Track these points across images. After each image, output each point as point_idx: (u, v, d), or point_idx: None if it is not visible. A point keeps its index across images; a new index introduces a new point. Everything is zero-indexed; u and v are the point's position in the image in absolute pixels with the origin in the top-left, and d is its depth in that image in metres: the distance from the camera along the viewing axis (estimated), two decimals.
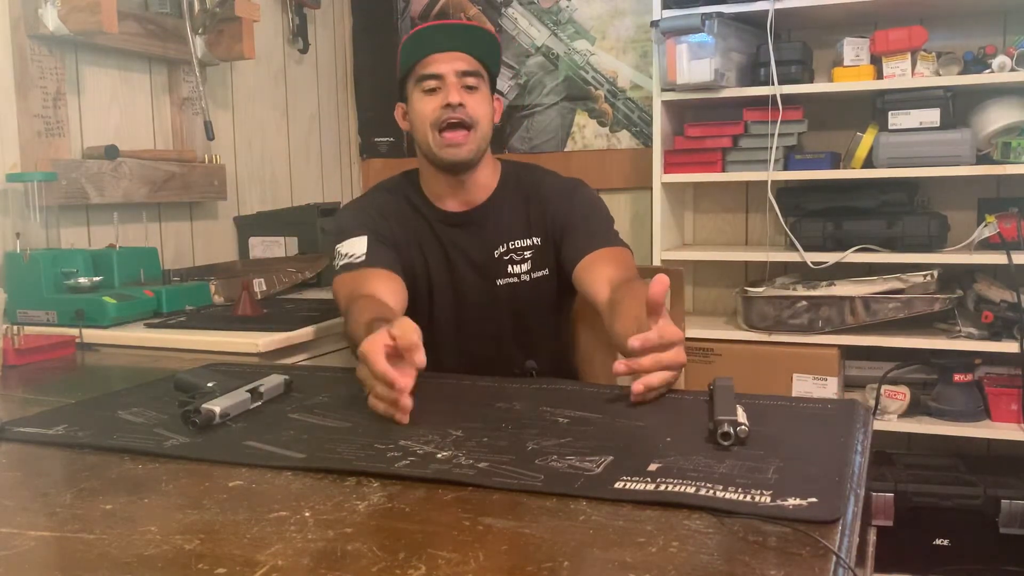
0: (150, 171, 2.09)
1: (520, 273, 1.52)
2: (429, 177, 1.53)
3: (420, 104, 1.45)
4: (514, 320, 1.55)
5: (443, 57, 1.43)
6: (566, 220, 1.52)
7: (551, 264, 1.54)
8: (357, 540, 0.68)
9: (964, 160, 2.11)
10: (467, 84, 1.44)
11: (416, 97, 1.46)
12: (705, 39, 2.18)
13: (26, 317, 1.70)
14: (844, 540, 0.67)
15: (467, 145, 1.44)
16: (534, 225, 1.53)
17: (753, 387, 1.07)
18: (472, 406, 1.08)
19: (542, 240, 1.53)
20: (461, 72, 1.44)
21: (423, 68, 1.44)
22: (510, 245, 1.53)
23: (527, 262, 1.53)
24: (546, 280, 1.54)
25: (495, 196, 1.54)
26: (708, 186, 2.61)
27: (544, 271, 1.53)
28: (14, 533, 0.72)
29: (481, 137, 1.46)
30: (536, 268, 1.53)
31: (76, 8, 1.78)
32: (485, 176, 1.53)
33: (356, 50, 3.01)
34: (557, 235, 1.52)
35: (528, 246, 1.53)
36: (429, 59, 1.44)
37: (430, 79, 1.44)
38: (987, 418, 2.18)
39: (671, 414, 1.02)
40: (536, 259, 1.53)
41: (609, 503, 0.74)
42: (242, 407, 1.05)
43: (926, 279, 2.18)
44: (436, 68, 1.43)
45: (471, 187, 1.52)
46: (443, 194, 1.53)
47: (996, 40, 2.26)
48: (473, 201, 1.53)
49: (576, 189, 1.57)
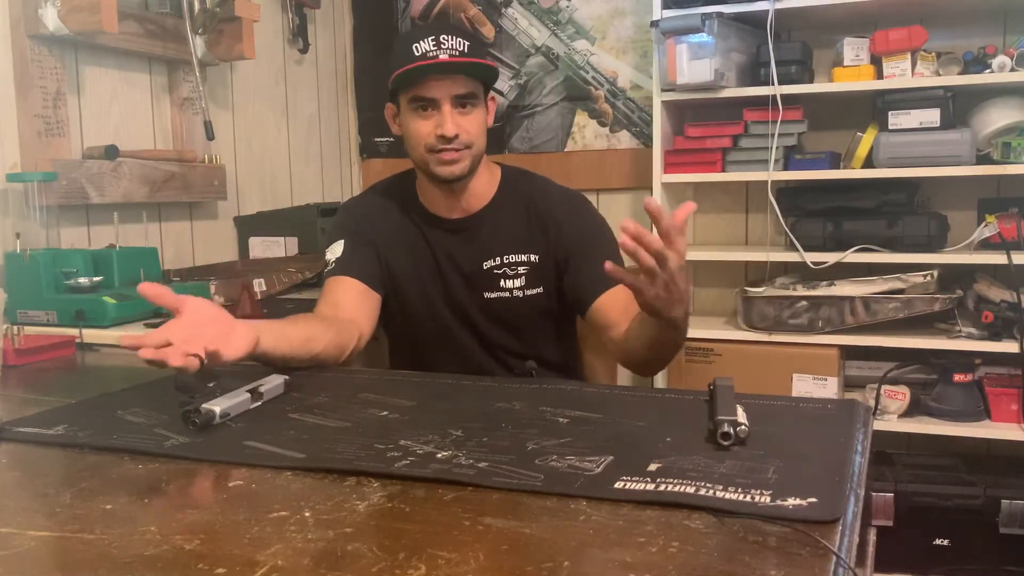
0: (150, 171, 2.09)
1: (512, 288, 1.49)
2: (423, 183, 1.51)
3: (415, 125, 1.41)
4: (507, 333, 1.52)
5: (440, 82, 1.37)
6: (572, 246, 1.47)
7: (549, 284, 1.49)
8: (357, 540, 0.68)
9: (964, 160, 2.11)
10: (462, 105, 1.39)
11: (410, 115, 1.41)
12: (705, 39, 2.18)
13: (26, 317, 1.70)
14: (844, 540, 0.67)
15: (461, 163, 1.41)
16: (534, 242, 1.49)
17: (753, 387, 1.07)
18: (472, 406, 1.07)
19: (540, 258, 1.49)
20: (457, 96, 1.38)
21: (419, 90, 1.38)
22: (504, 259, 1.49)
23: (521, 278, 1.49)
24: (541, 298, 1.50)
25: (491, 205, 1.51)
26: (708, 186, 2.61)
27: (539, 289, 1.49)
28: (14, 533, 0.72)
29: (475, 153, 1.43)
30: (531, 285, 1.49)
31: (76, 8, 1.78)
32: (481, 184, 1.50)
33: (356, 50, 3.02)
34: (561, 258, 1.48)
35: (523, 262, 1.49)
36: (426, 82, 1.37)
37: (425, 102, 1.39)
38: (987, 418, 2.18)
39: (671, 414, 1.02)
40: (531, 276, 1.49)
41: (609, 503, 0.74)
42: (242, 407, 1.05)
43: (926, 279, 2.18)
44: (432, 93, 1.37)
45: (466, 196, 1.49)
46: (437, 200, 1.51)
47: (996, 40, 2.26)
48: (468, 209, 1.50)
49: (580, 207, 1.52)
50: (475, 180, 1.48)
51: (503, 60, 2.82)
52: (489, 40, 2.82)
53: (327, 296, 1.47)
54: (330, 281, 1.48)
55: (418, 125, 1.40)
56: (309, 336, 1.29)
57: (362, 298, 1.47)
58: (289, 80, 2.72)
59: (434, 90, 1.38)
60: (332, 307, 1.44)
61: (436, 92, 1.38)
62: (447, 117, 1.38)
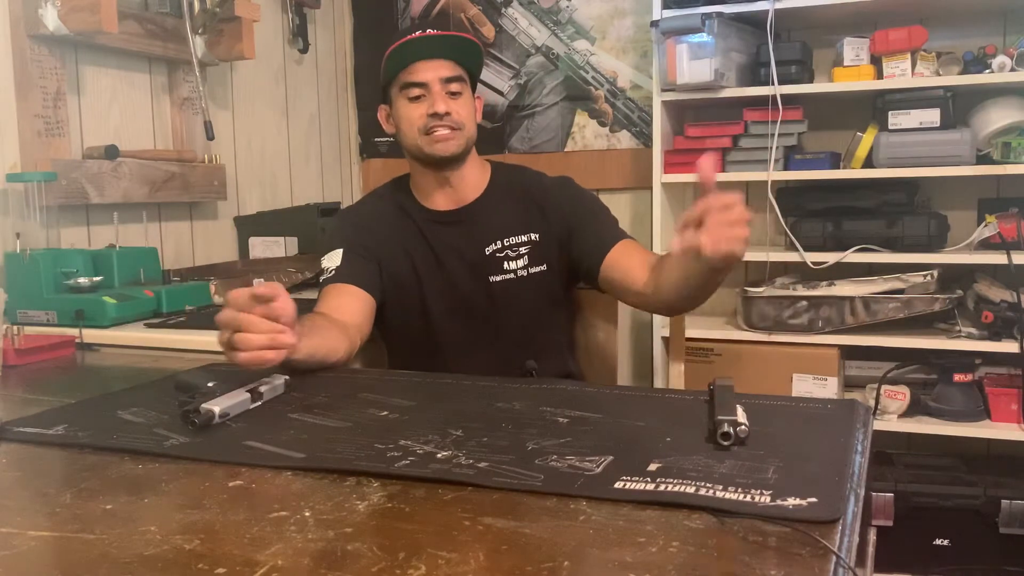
0: (150, 171, 2.09)
1: (517, 269, 1.52)
2: (418, 177, 1.55)
3: (407, 111, 1.48)
4: (512, 317, 1.54)
5: (427, 65, 1.46)
6: (572, 219, 1.52)
7: (552, 260, 1.54)
8: (357, 540, 0.68)
9: (964, 160, 2.11)
10: (451, 90, 1.47)
11: (402, 103, 1.48)
12: (705, 39, 2.18)
13: (26, 317, 1.70)
14: (844, 540, 0.67)
15: (454, 140, 1.48)
16: (531, 221, 1.54)
17: (753, 387, 1.07)
18: (472, 406, 1.07)
19: (540, 236, 1.53)
20: (445, 79, 1.46)
21: (407, 76, 1.46)
22: (504, 242, 1.53)
23: (523, 258, 1.53)
24: (544, 275, 1.54)
25: (486, 194, 1.55)
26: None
27: (542, 266, 1.53)
28: (14, 533, 0.72)
29: (467, 136, 1.50)
30: (534, 263, 1.53)
31: (76, 8, 1.78)
32: (474, 175, 1.55)
33: (356, 50, 3.02)
34: (564, 236, 1.53)
35: (524, 242, 1.53)
36: (413, 67, 1.46)
37: (415, 87, 1.46)
38: (987, 418, 2.18)
39: (671, 414, 1.02)
40: (533, 254, 1.53)
41: (609, 503, 0.74)
42: (242, 407, 1.05)
43: (926, 279, 2.18)
44: (421, 76, 1.45)
45: (460, 185, 1.53)
46: (433, 193, 1.55)
47: (996, 40, 2.26)
48: (463, 199, 1.54)
49: (572, 187, 1.58)
50: (468, 171, 1.54)
51: (503, 60, 2.82)
52: (489, 40, 2.82)
53: (327, 300, 1.48)
54: (329, 288, 1.50)
55: (410, 111, 1.47)
56: (333, 348, 1.30)
57: (362, 303, 1.49)
58: (289, 80, 2.72)
59: (422, 73, 1.45)
60: (334, 311, 1.45)
61: (425, 75, 1.45)
62: (438, 97, 1.45)
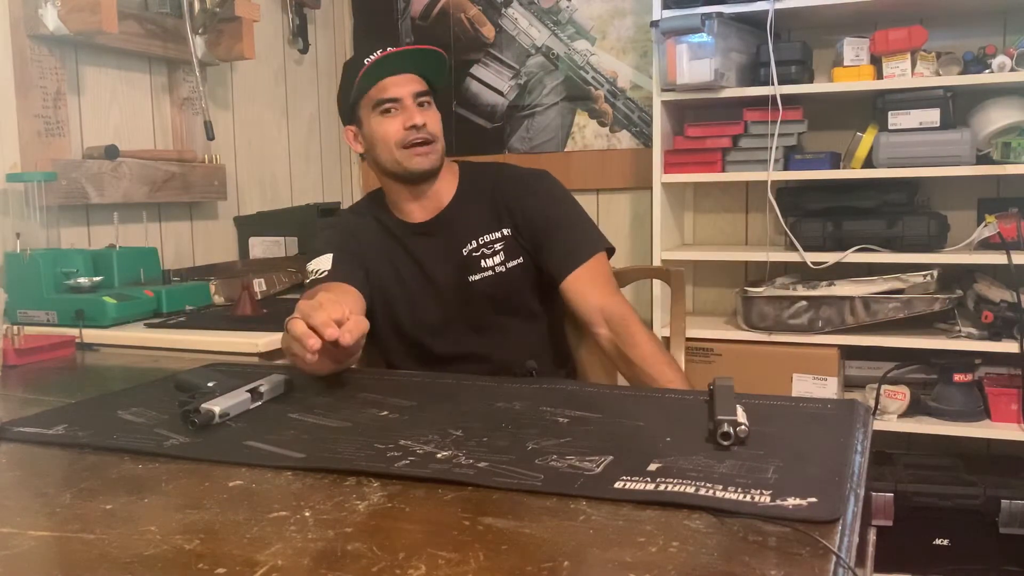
0: (150, 171, 2.09)
1: (494, 265, 1.54)
2: (393, 192, 1.57)
3: (382, 127, 1.49)
4: (498, 313, 1.55)
5: (397, 80, 1.48)
6: (539, 222, 1.53)
7: (527, 254, 1.55)
8: (357, 540, 0.68)
9: (964, 160, 2.11)
10: (420, 102, 1.50)
11: (375, 121, 1.50)
12: (705, 39, 2.18)
13: (26, 317, 1.70)
14: (844, 540, 0.67)
15: (432, 155, 1.50)
16: (501, 217, 1.55)
17: (753, 387, 1.07)
18: (472, 406, 1.08)
19: (512, 230, 1.55)
20: (416, 93, 1.49)
21: (379, 93, 1.48)
22: (479, 240, 1.55)
23: (499, 254, 1.54)
24: (523, 268, 1.55)
25: (457, 198, 1.57)
26: (708, 186, 2.61)
27: (519, 259, 1.55)
28: (14, 533, 0.72)
29: (440, 149, 1.54)
30: (510, 258, 1.54)
31: (76, 8, 1.79)
32: (445, 182, 1.58)
33: (356, 50, 3.01)
34: (529, 232, 1.54)
35: (498, 238, 1.55)
36: (383, 84, 1.48)
37: (388, 102, 1.49)
38: (987, 418, 2.18)
39: (671, 414, 1.02)
40: (508, 249, 1.54)
41: (609, 503, 0.74)
42: (242, 407, 1.05)
43: (926, 279, 2.18)
44: (393, 92, 1.48)
45: (433, 194, 1.56)
46: (408, 206, 1.57)
47: (996, 40, 2.26)
48: (437, 207, 1.57)
49: (540, 180, 1.59)
50: (440, 180, 1.56)
51: (503, 60, 2.82)
52: (489, 40, 2.82)
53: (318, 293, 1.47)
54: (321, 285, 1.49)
55: (385, 126, 1.49)
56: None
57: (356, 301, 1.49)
58: (289, 80, 2.72)
59: (394, 89, 1.48)
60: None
61: (397, 91, 1.48)
62: (412, 110, 1.48)
